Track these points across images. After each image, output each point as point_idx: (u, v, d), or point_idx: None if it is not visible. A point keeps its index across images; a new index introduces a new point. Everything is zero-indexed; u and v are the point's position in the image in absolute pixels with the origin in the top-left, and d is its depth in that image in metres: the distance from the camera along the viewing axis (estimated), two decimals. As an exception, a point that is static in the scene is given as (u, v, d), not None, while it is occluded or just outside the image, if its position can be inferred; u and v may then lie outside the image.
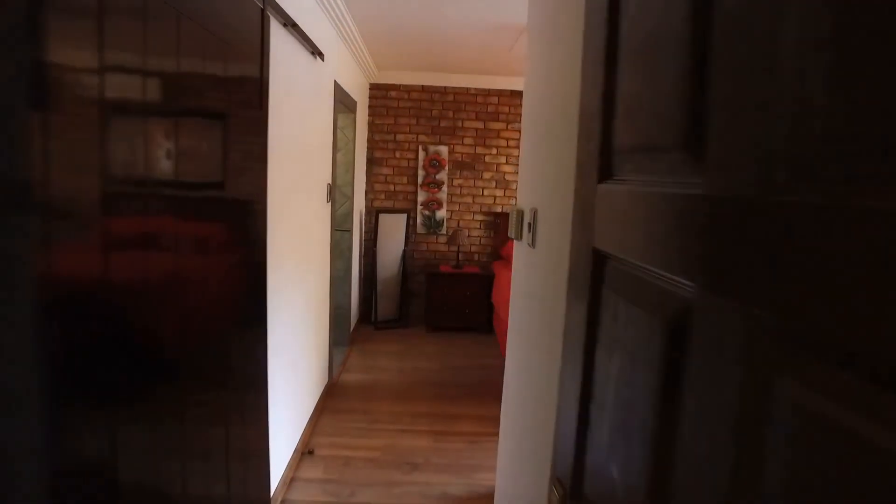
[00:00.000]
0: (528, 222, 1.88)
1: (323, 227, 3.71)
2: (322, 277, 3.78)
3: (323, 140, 3.56)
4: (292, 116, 2.70)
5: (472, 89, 5.92)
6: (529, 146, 1.94)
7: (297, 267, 2.98)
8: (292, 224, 2.81)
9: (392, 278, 5.89)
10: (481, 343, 5.47)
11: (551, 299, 1.50)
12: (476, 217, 6.15)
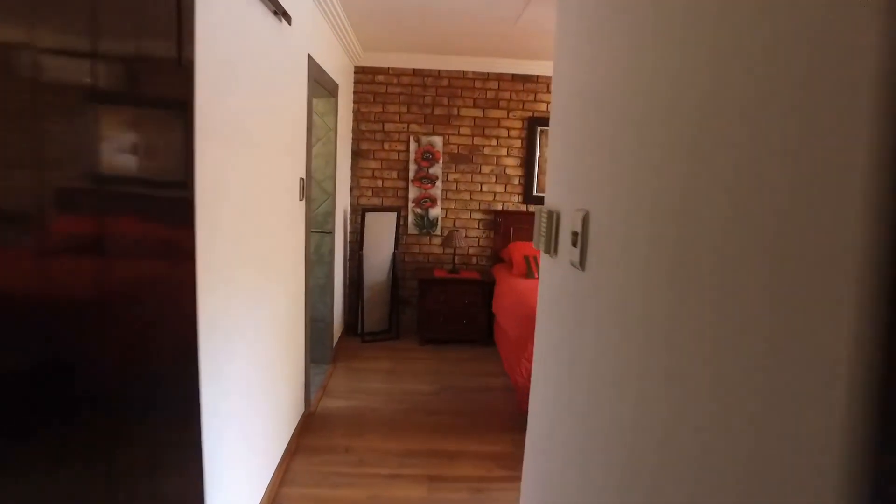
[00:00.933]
0: (572, 231, 1.27)
1: (295, 230, 3.08)
2: (295, 288, 3.15)
3: (294, 126, 2.93)
4: (243, 89, 2.07)
5: (470, 73, 5.29)
6: (575, 122, 1.33)
7: (256, 277, 2.36)
8: (247, 226, 2.18)
9: (380, 285, 5.27)
10: (481, 358, 4.86)
11: (629, 358, 0.89)
12: (474, 216, 5.53)
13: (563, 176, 1.42)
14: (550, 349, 1.48)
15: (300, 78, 3.03)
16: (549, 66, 5.23)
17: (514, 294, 4.43)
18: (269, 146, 2.46)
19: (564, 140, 1.42)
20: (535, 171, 5.45)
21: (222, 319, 1.93)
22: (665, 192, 0.82)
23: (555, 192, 1.49)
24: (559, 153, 1.48)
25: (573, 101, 1.35)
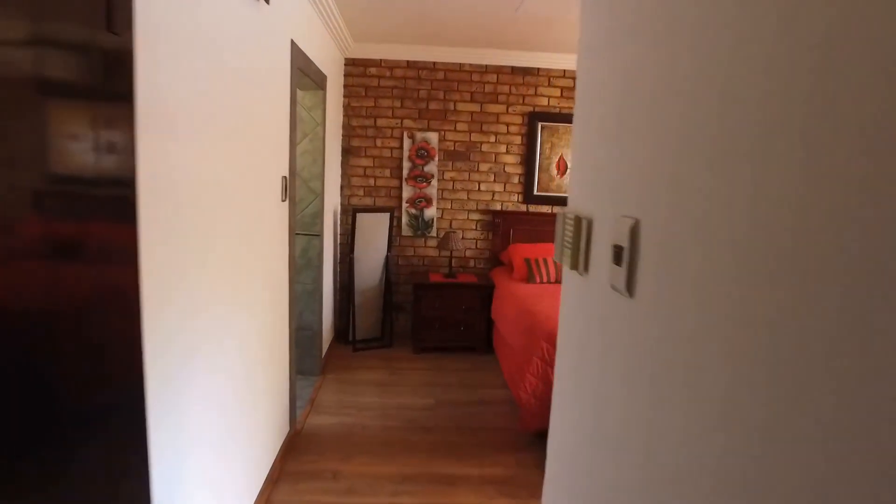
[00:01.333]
0: (613, 245, 0.98)
1: (277, 232, 2.79)
2: (277, 295, 2.86)
3: (275, 119, 2.64)
4: (208, 75, 1.77)
5: (467, 65, 5.00)
6: (617, 111, 1.04)
7: (229, 286, 2.06)
8: (216, 229, 1.89)
9: (373, 290, 4.97)
10: (480, 368, 4.58)
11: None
12: (471, 216, 5.25)
13: (596, 175, 1.14)
14: (581, 392, 1.20)
15: (282, 65, 2.73)
16: (551, 58, 4.95)
17: (515, 301, 4.15)
18: (244, 140, 2.16)
19: (601, 132, 1.13)
20: (536, 169, 5.17)
21: (182, 335, 1.64)
22: (770, 199, 0.54)
23: (584, 194, 1.21)
24: (589, 147, 1.19)
25: (612, 89, 1.06)
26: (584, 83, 1.27)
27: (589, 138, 1.20)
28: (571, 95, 5.10)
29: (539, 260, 4.67)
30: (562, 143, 5.14)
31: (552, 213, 5.25)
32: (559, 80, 5.06)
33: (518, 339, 3.70)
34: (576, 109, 1.32)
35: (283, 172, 2.82)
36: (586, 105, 1.23)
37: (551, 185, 5.22)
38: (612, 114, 1.05)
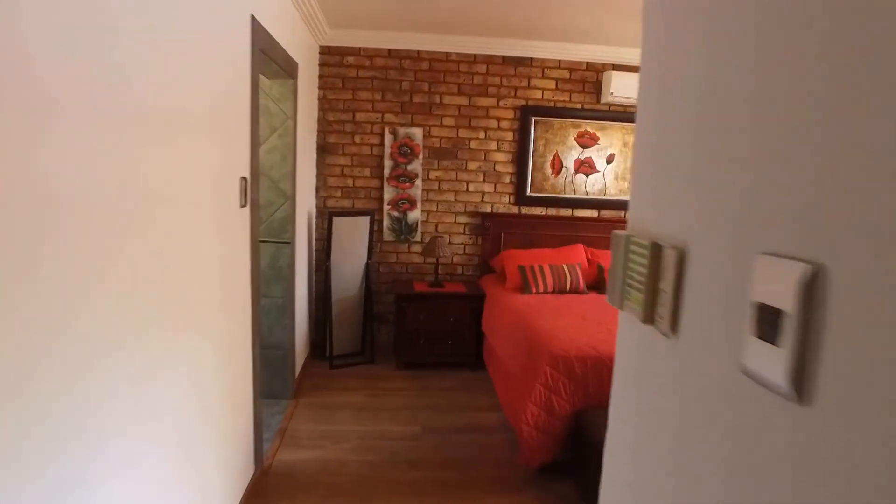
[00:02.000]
0: (754, 304, 0.57)
1: (235, 244, 2.34)
2: (234, 317, 2.42)
3: (230, 108, 2.19)
4: (105, 37, 1.33)
5: (454, 54, 4.58)
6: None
7: (147, 318, 1.62)
8: (125, 247, 1.45)
9: (351, 300, 4.53)
10: (470, 387, 4.16)
11: None
12: (459, 219, 4.83)
13: (695, 178, 0.72)
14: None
15: (238, 44, 2.28)
16: (545, 47, 4.55)
17: (510, 314, 3.74)
18: (179, 135, 1.72)
19: (717, 108, 0.71)
20: (530, 167, 4.76)
21: (68, 397, 1.20)
22: None
23: (667, 207, 0.79)
24: (678, 132, 0.78)
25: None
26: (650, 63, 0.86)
27: (678, 118, 0.78)
28: (567, 88, 4.70)
29: (535, 268, 4.27)
30: (557, 139, 4.75)
31: (547, 215, 4.85)
32: (554, 70, 4.67)
33: (516, 360, 3.30)
34: (644, 75, 0.91)
35: (242, 173, 2.37)
36: (674, 60, 0.82)
37: (546, 186, 4.82)
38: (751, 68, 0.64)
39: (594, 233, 4.85)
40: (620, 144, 4.83)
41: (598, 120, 4.77)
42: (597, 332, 3.20)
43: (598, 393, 2.91)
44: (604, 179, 4.88)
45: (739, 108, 0.63)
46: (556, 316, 3.52)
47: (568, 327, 3.25)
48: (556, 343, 2.99)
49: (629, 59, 4.64)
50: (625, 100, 4.58)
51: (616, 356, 0.98)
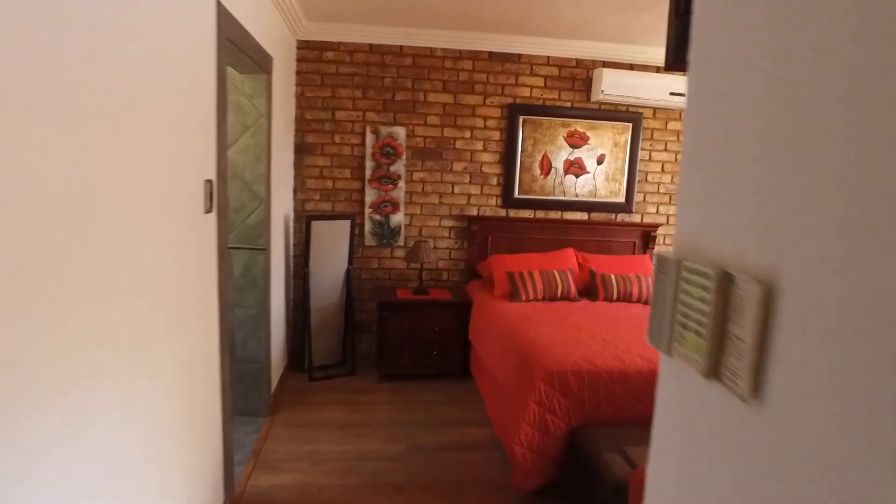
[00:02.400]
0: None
1: (198, 254, 2.11)
2: (198, 334, 2.18)
3: (191, 104, 1.96)
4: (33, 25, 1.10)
5: (439, 50, 4.37)
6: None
7: (86, 343, 1.40)
8: (61, 262, 1.22)
9: (331, 307, 4.30)
10: (457, 400, 3.96)
11: None
12: (444, 223, 4.62)
13: (793, 182, 0.52)
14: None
15: (200, 30, 2.05)
16: (533, 43, 4.36)
17: (500, 324, 3.54)
18: (124, 130, 1.49)
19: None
20: (517, 168, 4.57)
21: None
22: None
23: (750, 225, 0.59)
24: (762, 117, 0.58)
25: None
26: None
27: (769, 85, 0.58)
28: (556, 85, 4.52)
29: (524, 274, 4.07)
30: (545, 139, 4.56)
31: (536, 218, 4.67)
32: (543, 67, 4.48)
33: (506, 373, 3.10)
34: (696, 46, 0.71)
35: (207, 175, 2.14)
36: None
37: (534, 187, 4.63)
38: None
39: (585, 236, 4.68)
40: (611, 144, 4.65)
41: (588, 119, 4.59)
42: (592, 344, 3.01)
43: (595, 409, 2.72)
44: (594, 181, 4.70)
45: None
46: (547, 326, 3.33)
47: (561, 339, 3.06)
48: (549, 357, 2.79)
49: (620, 56, 4.47)
50: (616, 98, 4.41)
51: (656, 417, 0.78)
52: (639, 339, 3.16)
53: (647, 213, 4.86)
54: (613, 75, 4.35)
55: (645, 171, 4.78)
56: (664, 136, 4.75)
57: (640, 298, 4.13)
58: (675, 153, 4.80)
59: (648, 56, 4.49)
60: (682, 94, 4.52)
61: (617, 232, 4.75)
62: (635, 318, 3.64)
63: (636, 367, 2.80)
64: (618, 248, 4.75)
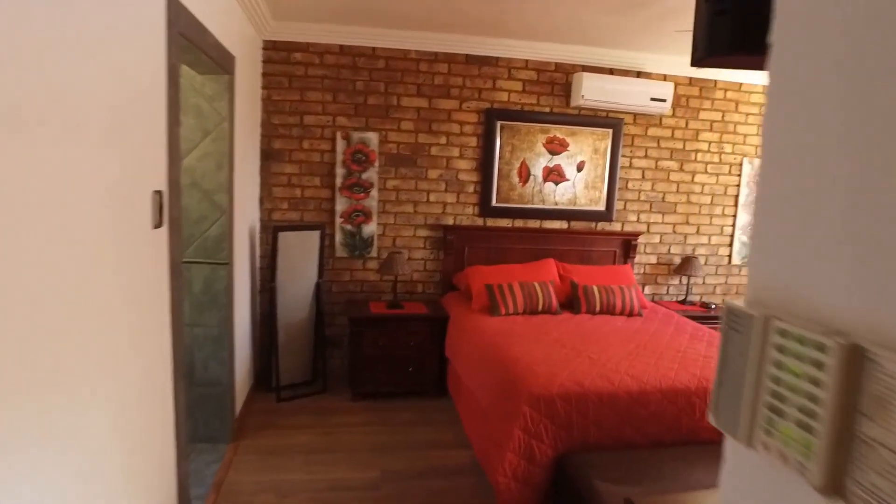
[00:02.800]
0: None
1: (142, 274, 1.87)
2: (144, 362, 1.95)
3: (131, 101, 1.73)
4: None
5: (413, 52, 4.18)
6: None
7: (27, 374, 1.17)
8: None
9: (301, 323, 4.06)
10: (434, 420, 3.75)
11: None
12: (419, 232, 4.42)
13: None
14: None
15: (146, 22, 1.82)
16: (511, 46, 4.20)
17: (479, 340, 3.35)
18: (44, 135, 1.26)
19: None
20: (495, 176, 4.40)
21: None
22: None
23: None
24: None
25: None
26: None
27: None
28: (535, 90, 4.37)
29: (503, 286, 3.89)
30: (524, 145, 4.40)
31: (514, 227, 4.50)
32: (521, 71, 4.32)
33: (487, 395, 2.90)
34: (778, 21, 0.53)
35: (156, 185, 1.91)
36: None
37: (513, 195, 4.47)
38: None
39: (565, 245, 4.53)
40: (591, 151, 4.52)
41: (567, 125, 4.45)
42: (578, 363, 2.84)
43: (583, 434, 2.55)
44: (574, 188, 4.56)
45: None
46: (530, 343, 3.15)
47: (546, 358, 2.89)
48: (534, 379, 2.61)
49: (600, 60, 4.34)
50: (596, 103, 4.28)
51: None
52: (627, 356, 3.01)
53: (627, 221, 4.74)
54: (593, 80, 4.22)
55: (625, 179, 4.66)
56: (644, 143, 4.64)
57: (624, 311, 3.98)
58: (655, 160, 4.69)
59: (629, 60, 4.37)
60: (662, 99, 4.42)
61: (597, 241, 4.62)
62: (621, 332, 3.49)
63: (626, 387, 2.64)
64: (598, 258, 4.61)
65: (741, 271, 5.05)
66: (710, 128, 4.75)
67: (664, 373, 2.79)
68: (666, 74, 4.53)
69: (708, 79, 4.63)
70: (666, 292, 4.95)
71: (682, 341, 3.36)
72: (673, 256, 4.89)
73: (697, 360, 3.02)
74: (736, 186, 4.90)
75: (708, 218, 4.90)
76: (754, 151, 4.87)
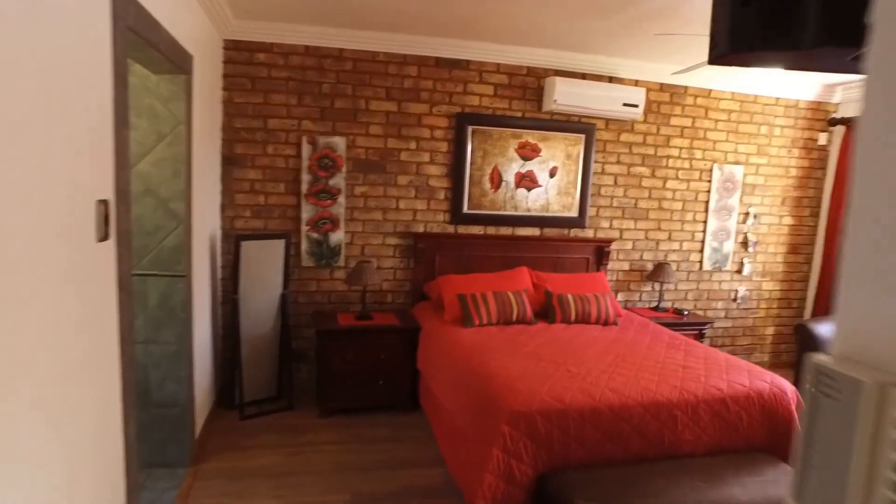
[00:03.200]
0: None
1: (85, 292, 1.69)
2: (94, 385, 1.76)
3: (69, 100, 1.55)
4: None
5: (382, 54, 4.04)
6: None
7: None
8: None
9: (265, 336, 3.87)
10: (406, 436, 3.60)
11: None
12: (388, 241, 4.28)
13: None
14: None
15: (89, 14, 1.64)
16: (483, 49, 4.10)
17: (454, 354, 3.23)
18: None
19: None
20: (466, 182, 4.29)
21: None
22: None
23: None
24: None
25: None
26: None
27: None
28: (507, 94, 4.28)
29: (476, 296, 3.78)
30: (496, 150, 4.30)
31: (486, 234, 4.39)
32: (493, 75, 4.23)
33: (464, 414, 2.78)
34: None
35: (100, 194, 1.73)
36: None
37: (484, 202, 4.36)
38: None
39: (537, 253, 4.45)
40: (563, 157, 4.45)
41: (539, 130, 4.37)
42: (558, 378, 2.74)
43: (564, 452, 2.45)
44: (546, 194, 4.48)
45: None
46: (506, 357, 3.04)
47: (523, 373, 2.77)
48: (514, 396, 2.50)
49: (573, 65, 4.28)
50: (568, 108, 4.21)
51: None
52: (606, 368, 2.92)
53: (600, 227, 4.68)
54: (566, 84, 4.14)
55: (598, 185, 4.61)
56: (617, 149, 4.59)
57: (599, 319, 3.91)
58: (627, 166, 4.64)
59: (601, 65, 4.32)
60: (635, 105, 4.37)
61: (570, 248, 4.54)
62: (598, 343, 3.41)
63: (607, 402, 2.55)
64: (571, 265, 4.54)
65: (712, 277, 5.05)
66: (681, 134, 4.73)
67: (645, 385, 2.71)
68: (638, 80, 4.50)
69: (679, 85, 4.61)
70: (639, 299, 4.91)
71: (659, 350, 3.30)
72: (645, 263, 4.85)
73: (677, 370, 2.95)
74: (706, 192, 4.90)
75: (679, 224, 4.88)
76: (723, 157, 4.88)
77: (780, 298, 5.31)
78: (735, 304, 5.16)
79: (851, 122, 4.85)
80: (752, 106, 4.88)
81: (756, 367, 3.09)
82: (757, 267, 5.16)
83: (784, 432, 2.81)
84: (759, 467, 2.60)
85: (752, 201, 5.03)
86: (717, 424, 2.68)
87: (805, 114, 5.03)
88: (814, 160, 5.14)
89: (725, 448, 2.70)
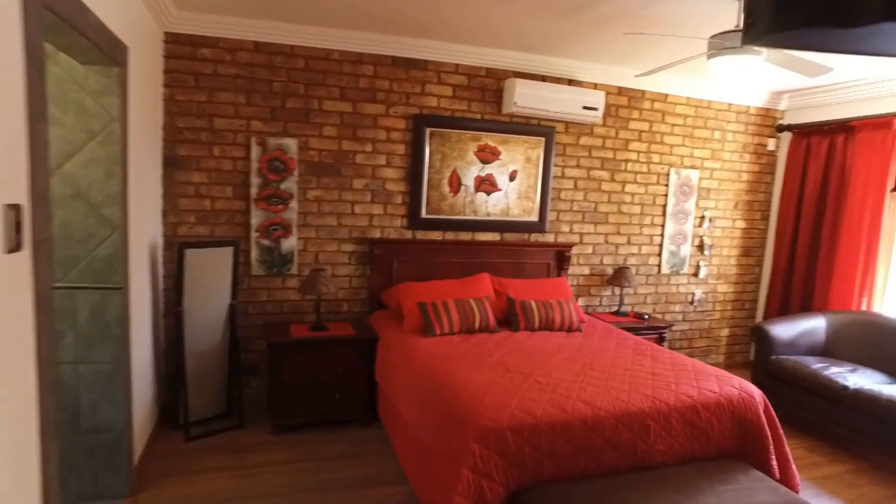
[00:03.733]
0: None
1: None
2: (5, 417, 1.53)
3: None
4: None
5: (336, 52, 3.86)
6: None
7: None
8: None
9: (213, 351, 3.62)
10: (365, 451, 3.41)
11: None
12: (343, 247, 4.09)
13: None
14: None
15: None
16: (442, 48, 3.97)
17: (415, 366, 3.07)
18: None
19: None
20: (424, 185, 4.14)
21: None
22: None
23: None
24: None
25: None
26: None
27: None
28: (465, 95, 4.16)
29: (437, 304, 3.63)
30: (455, 153, 4.18)
31: (445, 240, 4.25)
32: (451, 76, 4.10)
33: (431, 435, 2.61)
34: None
35: (11, 198, 1.49)
36: None
37: (443, 206, 4.22)
38: None
39: (498, 258, 4.34)
40: (523, 160, 4.36)
41: (499, 132, 4.27)
42: (527, 390, 2.61)
43: (536, 468, 2.32)
44: (506, 198, 4.38)
45: None
46: (471, 368, 2.90)
47: (490, 385, 2.64)
48: (482, 411, 2.35)
49: (532, 67, 4.20)
50: (528, 110, 4.12)
51: None
52: (575, 378, 2.81)
53: (560, 231, 4.61)
54: (526, 86, 4.06)
55: (558, 189, 4.54)
56: (576, 152, 4.54)
57: (563, 326, 3.82)
58: (587, 169, 4.60)
59: (561, 67, 4.26)
60: (594, 108, 4.32)
61: (530, 253, 4.45)
62: (564, 350, 3.31)
63: (580, 414, 2.44)
64: (531, 270, 4.45)
65: (670, 280, 5.05)
66: (639, 138, 4.72)
67: (616, 395, 2.61)
68: (597, 83, 4.46)
69: (636, 89, 4.60)
70: (599, 303, 4.86)
71: (626, 357, 3.23)
72: (605, 267, 4.81)
73: (646, 378, 2.88)
74: (664, 196, 4.90)
75: (638, 228, 4.87)
76: (680, 161, 4.89)
77: (734, 300, 5.37)
78: (692, 306, 5.19)
79: (797, 128, 4.96)
80: (705, 111, 4.91)
81: (723, 373, 3.04)
82: (712, 270, 5.20)
83: (752, 437, 2.76)
84: (731, 475, 2.54)
85: (707, 205, 5.07)
86: (688, 432, 2.61)
87: (755, 119, 5.11)
88: (763, 165, 5.23)
89: (697, 456, 2.64)
